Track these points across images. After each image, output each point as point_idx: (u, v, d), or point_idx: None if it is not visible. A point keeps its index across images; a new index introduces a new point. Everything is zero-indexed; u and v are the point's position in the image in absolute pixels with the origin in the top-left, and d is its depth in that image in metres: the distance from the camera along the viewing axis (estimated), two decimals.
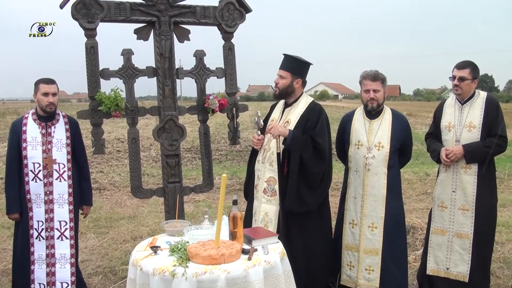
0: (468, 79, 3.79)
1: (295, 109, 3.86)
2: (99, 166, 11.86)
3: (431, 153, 4.08)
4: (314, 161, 3.62)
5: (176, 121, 4.14)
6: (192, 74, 4.23)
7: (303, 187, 3.62)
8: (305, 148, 3.62)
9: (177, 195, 4.08)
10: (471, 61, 3.84)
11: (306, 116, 3.77)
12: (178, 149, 4.17)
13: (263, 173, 3.84)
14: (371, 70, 3.88)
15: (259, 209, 3.84)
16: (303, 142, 3.63)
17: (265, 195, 3.81)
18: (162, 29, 4.01)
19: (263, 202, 3.82)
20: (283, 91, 3.87)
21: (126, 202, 8.12)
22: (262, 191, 3.83)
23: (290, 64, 3.86)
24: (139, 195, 4.15)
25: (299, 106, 3.86)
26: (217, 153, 14.22)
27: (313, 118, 3.74)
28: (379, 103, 3.89)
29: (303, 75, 3.90)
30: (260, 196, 3.84)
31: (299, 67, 3.88)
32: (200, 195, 7.89)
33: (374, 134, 3.90)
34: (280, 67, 3.90)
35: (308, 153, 3.61)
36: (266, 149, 3.84)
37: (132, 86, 4.00)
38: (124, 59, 3.96)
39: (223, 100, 4.26)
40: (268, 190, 3.79)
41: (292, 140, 3.64)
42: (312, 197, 3.65)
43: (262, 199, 3.82)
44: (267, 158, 3.81)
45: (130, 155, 4.06)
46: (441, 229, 3.96)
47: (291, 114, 3.86)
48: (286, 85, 3.84)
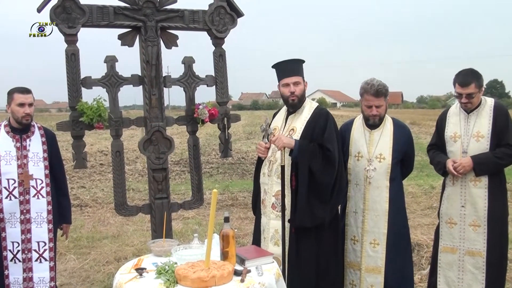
0: (476, 92, 3.79)
1: (300, 116, 3.80)
2: (81, 181, 11.80)
3: (435, 165, 4.09)
4: (324, 171, 3.56)
5: (163, 133, 4.14)
6: (181, 82, 4.25)
7: (314, 201, 3.57)
8: (314, 158, 3.56)
9: (164, 212, 4.07)
10: (472, 71, 3.82)
11: (312, 123, 3.71)
12: (165, 163, 4.16)
13: (270, 187, 3.79)
14: (373, 83, 3.82)
15: (268, 226, 3.79)
16: (311, 153, 3.57)
17: (274, 211, 3.75)
18: (148, 34, 4.03)
19: (272, 219, 3.76)
20: (301, 98, 3.79)
21: (110, 220, 8.08)
22: (270, 206, 3.78)
23: (298, 68, 3.80)
24: (124, 213, 4.13)
25: (304, 112, 3.80)
26: (207, 166, 14.20)
27: (321, 123, 3.68)
28: (381, 117, 3.92)
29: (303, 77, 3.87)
30: (269, 211, 3.79)
31: (301, 68, 3.84)
32: (190, 211, 7.86)
33: (375, 145, 3.93)
34: (289, 74, 3.76)
35: (317, 163, 3.56)
36: (272, 161, 3.79)
37: (116, 96, 4.00)
38: (108, 66, 3.98)
39: (213, 110, 4.27)
40: (277, 205, 3.73)
41: (299, 151, 3.59)
42: (324, 210, 3.59)
43: (271, 215, 3.77)
44: (274, 171, 3.76)
45: (114, 169, 4.05)
46: (451, 247, 3.96)
47: (296, 122, 3.81)
48: (303, 91, 3.77)
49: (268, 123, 3.82)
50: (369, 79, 3.88)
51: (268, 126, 3.82)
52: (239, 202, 9.23)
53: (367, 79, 3.90)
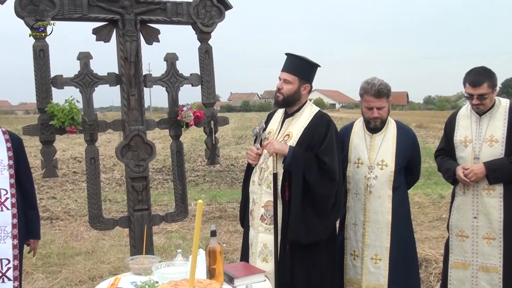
0: (488, 93, 3.82)
1: (298, 120, 3.80)
2: (51, 191, 11.74)
3: (443, 173, 4.13)
4: (321, 183, 3.56)
5: (143, 137, 4.14)
6: (163, 81, 4.25)
7: (311, 214, 3.57)
8: (309, 168, 3.56)
9: (144, 225, 4.05)
10: (484, 69, 3.84)
11: (311, 130, 3.70)
12: (146, 170, 4.16)
13: (259, 197, 3.79)
14: (373, 82, 3.85)
15: (256, 240, 3.79)
16: (306, 161, 3.57)
17: (263, 223, 3.75)
18: (126, 28, 4.03)
19: (260, 232, 3.77)
20: (288, 98, 3.78)
21: (83, 234, 8.03)
22: (259, 218, 3.78)
23: (297, 66, 3.77)
24: (99, 226, 4.11)
25: (302, 116, 3.80)
26: (192, 174, 14.19)
27: (320, 131, 3.67)
28: (383, 120, 3.95)
29: (311, 80, 3.83)
30: (257, 224, 3.79)
31: (308, 70, 3.80)
32: (173, 224, 7.85)
33: (376, 150, 3.95)
34: (284, 69, 3.80)
35: (313, 173, 3.56)
36: (264, 168, 3.79)
37: (90, 96, 3.99)
38: (81, 64, 3.97)
39: (199, 112, 4.27)
40: (266, 216, 3.73)
41: (292, 159, 3.59)
42: (322, 225, 3.59)
43: (259, 227, 3.78)
44: (264, 179, 3.76)
45: (88, 177, 4.04)
46: (462, 263, 3.99)
47: (292, 126, 3.80)
48: (292, 92, 3.76)
49: (262, 126, 3.82)
50: (370, 78, 3.91)
51: (262, 130, 3.83)
52: (228, 214, 9.23)
53: (367, 78, 3.93)
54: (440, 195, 10.19)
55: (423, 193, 10.42)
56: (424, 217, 8.74)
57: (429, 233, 7.72)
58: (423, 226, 8.19)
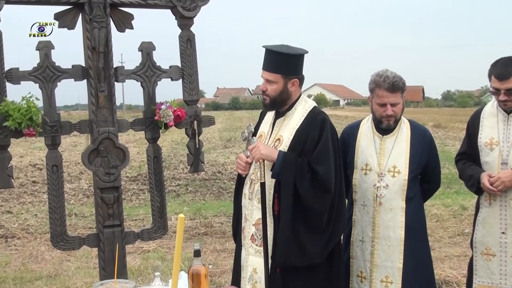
0: None
1: (290, 121, 3.76)
2: (6, 205, 11.68)
3: (466, 180, 4.14)
4: (314, 195, 3.53)
5: (115, 141, 4.14)
6: (137, 75, 4.25)
7: (304, 231, 3.54)
8: (301, 177, 3.52)
9: (116, 244, 4.06)
10: None
11: (303, 132, 3.65)
12: (117, 180, 4.15)
13: (250, 213, 3.78)
14: (386, 75, 3.85)
15: (246, 263, 3.79)
16: (298, 169, 3.53)
17: (253, 244, 3.74)
18: (94, 13, 4.03)
19: (250, 254, 3.76)
20: (276, 100, 3.73)
21: (45, 255, 7.98)
22: (249, 238, 3.78)
23: (277, 62, 3.71)
24: (63, 246, 4.10)
25: (294, 116, 3.76)
26: (173, 183, 14.17)
27: (313, 134, 3.61)
28: (397, 118, 3.96)
29: (298, 72, 3.77)
30: (247, 244, 3.79)
31: (291, 62, 3.73)
32: (150, 243, 7.80)
33: (387, 155, 3.97)
34: (264, 67, 3.75)
35: (305, 183, 3.52)
36: (254, 180, 3.76)
37: (52, 93, 3.99)
38: (41, 55, 3.96)
39: (179, 111, 4.27)
40: (257, 237, 3.72)
41: (281, 166, 3.55)
42: (317, 244, 3.56)
43: (249, 248, 3.77)
44: (255, 193, 3.73)
45: (50, 188, 4.03)
46: (488, 286, 4.00)
47: (283, 129, 3.77)
48: (278, 92, 3.70)
49: (251, 130, 3.81)
50: (382, 70, 3.93)
51: (252, 134, 3.81)
52: (215, 229, 9.22)
53: (378, 70, 3.94)
54: (462, 206, 10.24)
55: (442, 204, 10.47)
56: (443, 232, 8.78)
57: (449, 250, 7.75)
58: (442, 242, 8.23)
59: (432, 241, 7.31)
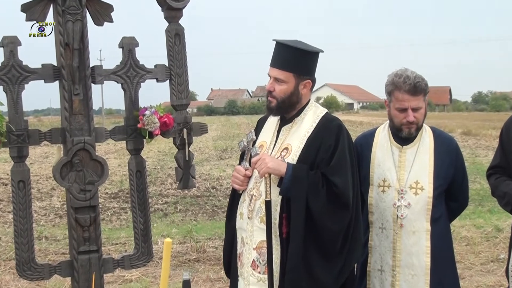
0: None
1: (299, 128, 3.78)
2: None
3: (500, 198, 4.14)
4: (330, 213, 3.53)
5: (91, 152, 4.14)
6: (117, 75, 4.26)
7: (315, 257, 3.55)
8: (314, 192, 3.53)
9: (93, 272, 4.06)
10: None
11: (316, 141, 3.68)
12: (95, 198, 4.15)
13: (250, 235, 3.79)
14: (407, 75, 3.87)
15: None
16: (311, 184, 3.54)
17: (255, 272, 3.75)
18: (67, 4, 4.04)
19: (251, 283, 3.76)
20: (284, 103, 3.75)
21: (10, 285, 7.98)
22: (249, 265, 3.78)
23: (290, 58, 3.72)
24: (30, 275, 4.09)
25: (304, 122, 3.79)
26: (160, 200, 14.18)
27: (328, 142, 3.63)
28: (419, 126, 3.97)
29: (312, 72, 3.81)
30: (247, 273, 3.79)
31: (306, 61, 3.76)
32: (132, 271, 7.81)
33: (408, 168, 3.97)
34: (274, 64, 3.78)
35: (320, 200, 3.53)
36: (255, 196, 3.77)
37: (18, 96, 4.00)
38: (6, 52, 3.97)
39: (166, 117, 4.27)
40: (260, 263, 3.73)
41: (291, 181, 3.56)
42: (330, 272, 3.57)
43: (250, 277, 3.77)
44: (256, 211, 3.74)
45: (16, 207, 4.02)
46: None
47: (291, 137, 3.79)
48: (288, 93, 3.73)
49: (251, 138, 3.82)
50: (401, 70, 3.94)
51: (252, 143, 3.82)
52: (208, 255, 9.20)
53: (397, 70, 3.96)
54: (496, 227, 10.21)
55: (472, 224, 10.44)
56: (474, 257, 8.75)
57: (481, 279, 7.73)
58: (473, 270, 8.20)
59: (461, 268, 7.30)
